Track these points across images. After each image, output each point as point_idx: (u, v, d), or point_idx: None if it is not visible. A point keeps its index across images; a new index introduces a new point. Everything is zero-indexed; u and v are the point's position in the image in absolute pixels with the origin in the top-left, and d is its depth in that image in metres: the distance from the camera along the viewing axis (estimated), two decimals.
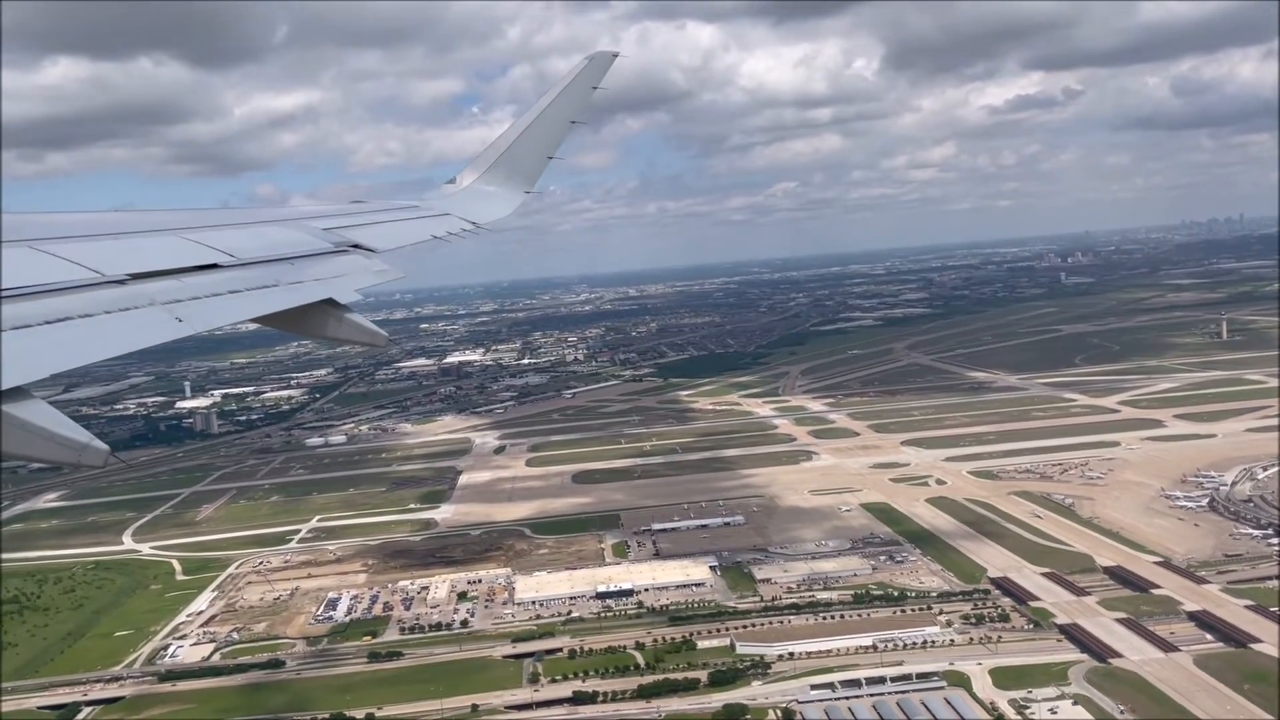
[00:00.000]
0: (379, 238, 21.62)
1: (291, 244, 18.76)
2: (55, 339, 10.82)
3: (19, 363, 9.65)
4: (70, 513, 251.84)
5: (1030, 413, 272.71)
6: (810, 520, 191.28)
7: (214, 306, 13.91)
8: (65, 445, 9.37)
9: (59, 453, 9.36)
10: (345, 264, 18.99)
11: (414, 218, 26.20)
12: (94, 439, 9.60)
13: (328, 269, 18.21)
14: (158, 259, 14.63)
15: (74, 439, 9.43)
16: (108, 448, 9.79)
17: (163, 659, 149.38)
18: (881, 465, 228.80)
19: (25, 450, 9.18)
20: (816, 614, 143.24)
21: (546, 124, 31.70)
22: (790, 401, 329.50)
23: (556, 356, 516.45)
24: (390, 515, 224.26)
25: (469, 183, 31.05)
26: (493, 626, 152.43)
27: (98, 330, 11.55)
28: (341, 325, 16.53)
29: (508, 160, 31.43)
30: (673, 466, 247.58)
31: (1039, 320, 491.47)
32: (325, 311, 16.41)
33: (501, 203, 30.20)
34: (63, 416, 9.59)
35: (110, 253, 14.16)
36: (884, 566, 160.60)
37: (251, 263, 16.37)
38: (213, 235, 17.07)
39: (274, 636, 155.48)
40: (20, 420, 9.13)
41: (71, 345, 10.95)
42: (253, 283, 15.60)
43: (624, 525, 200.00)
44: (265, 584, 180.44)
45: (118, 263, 13.50)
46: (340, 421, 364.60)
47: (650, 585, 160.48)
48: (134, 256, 14.38)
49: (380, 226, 23.39)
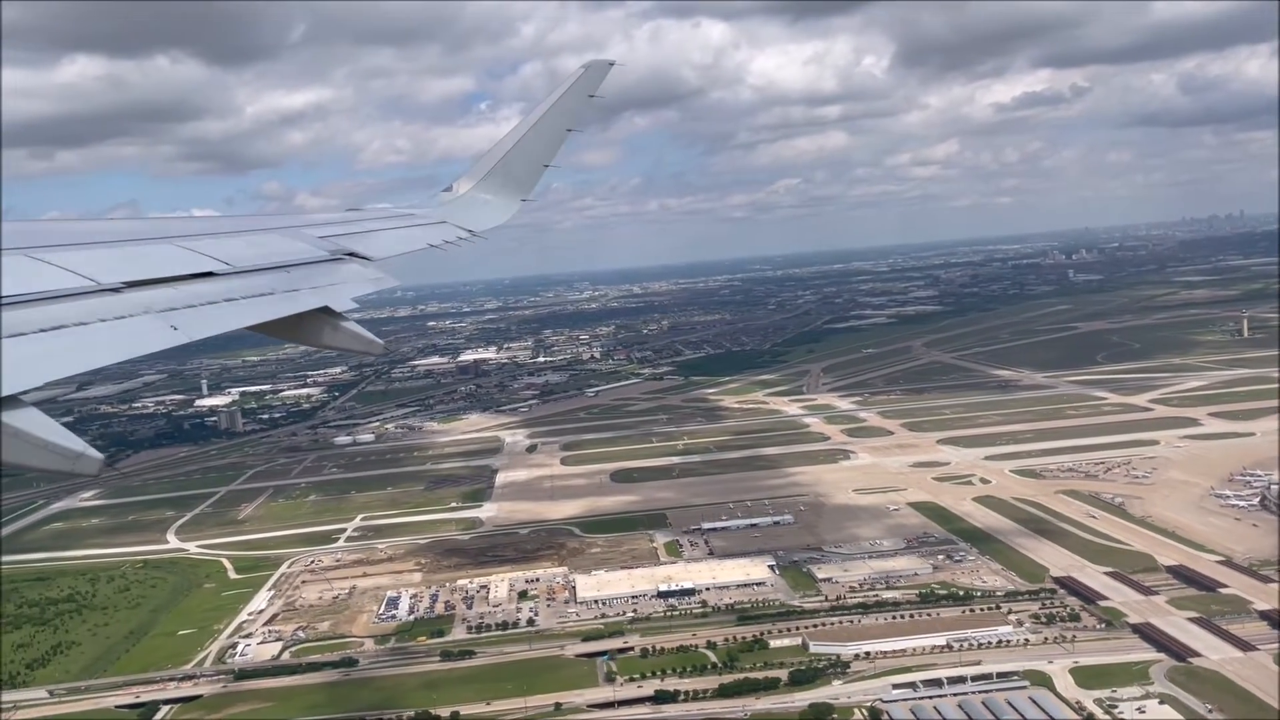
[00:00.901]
0: (375, 246, 21.88)
1: (287, 252, 18.96)
2: (50, 347, 10.83)
3: (13, 371, 9.72)
4: (109, 511, 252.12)
5: (1063, 411, 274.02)
6: (860, 519, 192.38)
7: (209, 314, 14.05)
8: (60, 454, 9.37)
9: (53, 461, 9.35)
10: (341, 272, 19.22)
11: (410, 226, 26.42)
12: (88, 447, 9.58)
13: (323, 277, 18.36)
14: (153, 267, 14.72)
15: (68, 447, 9.43)
16: (102, 456, 9.81)
17: (233, 657, 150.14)
18: (922, 464, 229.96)
19: (20, 459, 9.18)
20: (884, 613, 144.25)
21: (543, 132, 31.89)
22: (817, 400, 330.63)
23: (572, 354, 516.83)
24: (434, 514, 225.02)
25: (465, 190, 31.24)
26: (559, 625, 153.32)
27: (92, 338, 11.56)
28: (337, 333, 16.68)
29: (504, 168, 31.61)
30: (711, 465, 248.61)
31: (1053, 318, 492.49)
32: (321, 319, 16.58)
33: (498, 211, 30.48)
34: (57, 425, 9.58)
35: (105, 260, 14.32)
36: (944, 566, 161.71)
37: (247, 271, 16.52)
38: (208, 243, 17.16)
39: (340, 635, 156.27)
40: (14, 429, 9.16)
41: (66, 353, 10.95)
42: (248, 291, 15.69)
43: (672, 524, 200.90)
44: (322, 583, 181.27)
45: (113, 270, 13.64)
46: (365, 420, 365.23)
47: (711, 584, 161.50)
48: (129, 264, 14.53)
49: (376, 235, 23.61)
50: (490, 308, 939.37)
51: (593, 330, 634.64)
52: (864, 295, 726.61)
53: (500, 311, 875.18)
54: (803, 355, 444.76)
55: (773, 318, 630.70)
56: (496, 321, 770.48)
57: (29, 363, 10.11)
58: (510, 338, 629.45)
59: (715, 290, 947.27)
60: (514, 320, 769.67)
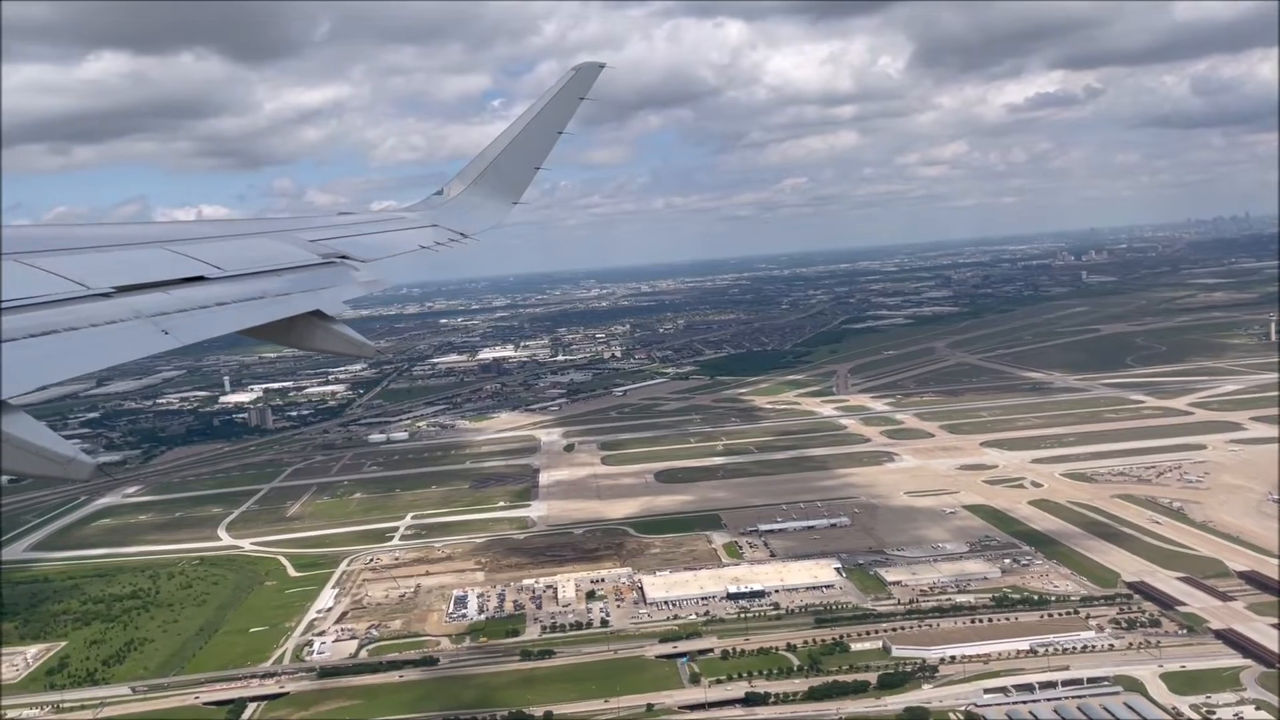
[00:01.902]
0: (366, 249, 22.00)
1: (278, 256, 18.96)
2: (40, 352, 10.82)
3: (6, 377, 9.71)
4: (156, 508, 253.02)
5: (1101, 414, 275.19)
6: (917, 522, 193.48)
7: (200, 319, 14.03)
8: (51, 459, 9.39)
9: (45, 466, 9.38)
10: (332, 275, 19.27)
11: (401, 229, 26.59)
12: (79, 452, 9.60)
13: (314, 280, 18.40)
14: (143, 271, 14.74)
15: (60, 453, 9.46)
16: (95, 461, 9.85)
17: (310, 655, 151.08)
18: (969, 467, 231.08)
19: (12, 465, 9.20)
20: (961, 617, 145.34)
21: (533, 135, 31.87)
22: (849, 401, 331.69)
23: (592, 353, 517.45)
24: (484, 513, 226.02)
25: (457, 194, 31.33)
26: (633, 626, 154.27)
27: (83, 343, 11.54)
28: (329, 336, 16.78)
29: (495, 172, 31.69)
30: (755, 467, 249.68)
31: (1074, 319, 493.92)
32: (312, 323, 16.65)
33: (489, 214, 30.53)
34: (48, 430, 9.62)
35: (96, 265, 14.31)
36: (1012, 570, 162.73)
37: (238, 275, 16.52)
38: (199, 247, 17.18)
39: (414, 634, 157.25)
40: (7, 435, 9.20)
41: (56, 359, 10.95)
42: (239, 295, 15.70)
43: (727, 525, 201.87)
44: (385, 581, 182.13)
45: (103, 275, 13.62)
46: (395, 418, 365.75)
47: (780, 587, 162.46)
48: (119, 269, 14.49)
49: (367, 238, 23.73)
50: (499, 305, 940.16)
51: (608, 328, 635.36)
52: (877, 295, 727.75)
53: (510, 309, 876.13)
54: (826, 355, 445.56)
55: (788, 317, 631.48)
56: (509, 319, 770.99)
57: (19, 368, 10.10)
58: (526, 336, 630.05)
59: (724, 289, 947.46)
60: (526, 318, 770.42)
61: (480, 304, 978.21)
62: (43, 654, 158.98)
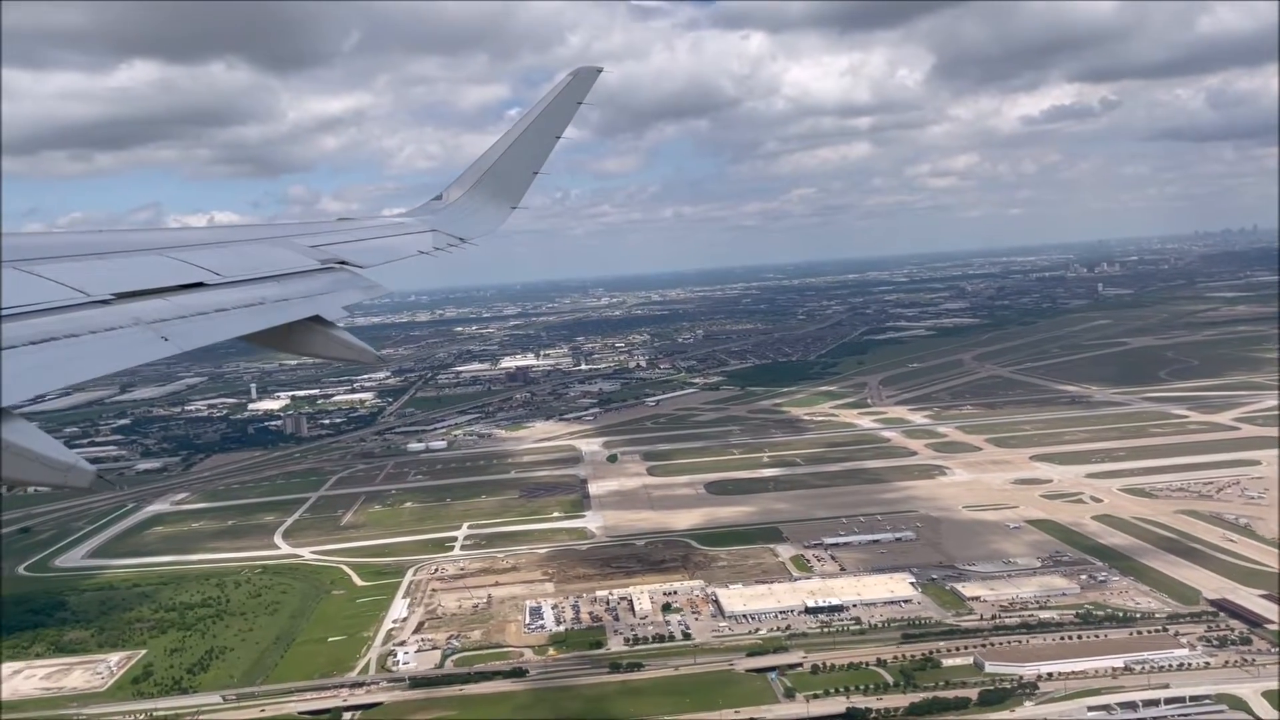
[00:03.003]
0: (365, 254, 22.07)
1: (278, 262, 19.00)
2: (40, 360, 10.83)
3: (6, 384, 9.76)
4: (207, 515, 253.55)
5: (1147, 429, 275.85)
6: (981, 536, 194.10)
7: (200, 325, 14.05)
8: (51, 467, 9.42)
9: (45, 474, 9.40)
10: (331, 281, 19.34)
11: (400, 234, 26.62)
12: (80, 460, 9.66)
13: (314, 286, 18.47)
14: (143, 278, 14.74)
15: (61, 460, 9.49)
16: (94, 469, 9.85)
17: (395, 665, 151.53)
18: (1023, 481, 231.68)
19: (13, 472, 9.23)
20: (1048, 634, 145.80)
21: (531, 139, 31.95)
22: (887, 413, 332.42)
23: (615, 363, 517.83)
24: (540, 523, 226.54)
25: (456, 199, 31.33)
26: (715, 639, 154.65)
27: (83, 350, 11.56)
28: (329, 342, 16.82)
29: (493, 176, 31.72)
30: (807, 479, 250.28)
31: (1096, 332, 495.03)
32: (312, 328, 16.71)
33: (488, 219, 30.54)
34: (49, 438, 9.63)
35: (95, 273, 14.31)
36: (1089, 586, 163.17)
37: (238, 281, 16.59)
38: (198, 254, 17.26)
39: (495, 644, 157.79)
40: (7, 443, 9.23)
41: (57, 366, 10.95)
42: (239, 301, 15.75)
43: (788, 538, 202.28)
44: (455, 591, 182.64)
45: (103, 283, 13.66)
46: (429, 426, 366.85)
47: (858, 601, 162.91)
48: (119, 276, 14.51)
49: (366, 243, 23.78)
50: (511, 314, 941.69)
51: (626, 337, 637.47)
52: (893, 306, 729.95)
53: (523, 317, 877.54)
54: (853, 367, 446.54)
55: (807, 328, 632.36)
56: (524, 328, 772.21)
57: (20, 376, 10.14)
58: (544, 344, 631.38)
59: (736, 299, 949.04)
60: (541, 326, 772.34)
61: (491, 312, 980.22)
62: (125, 662, 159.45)
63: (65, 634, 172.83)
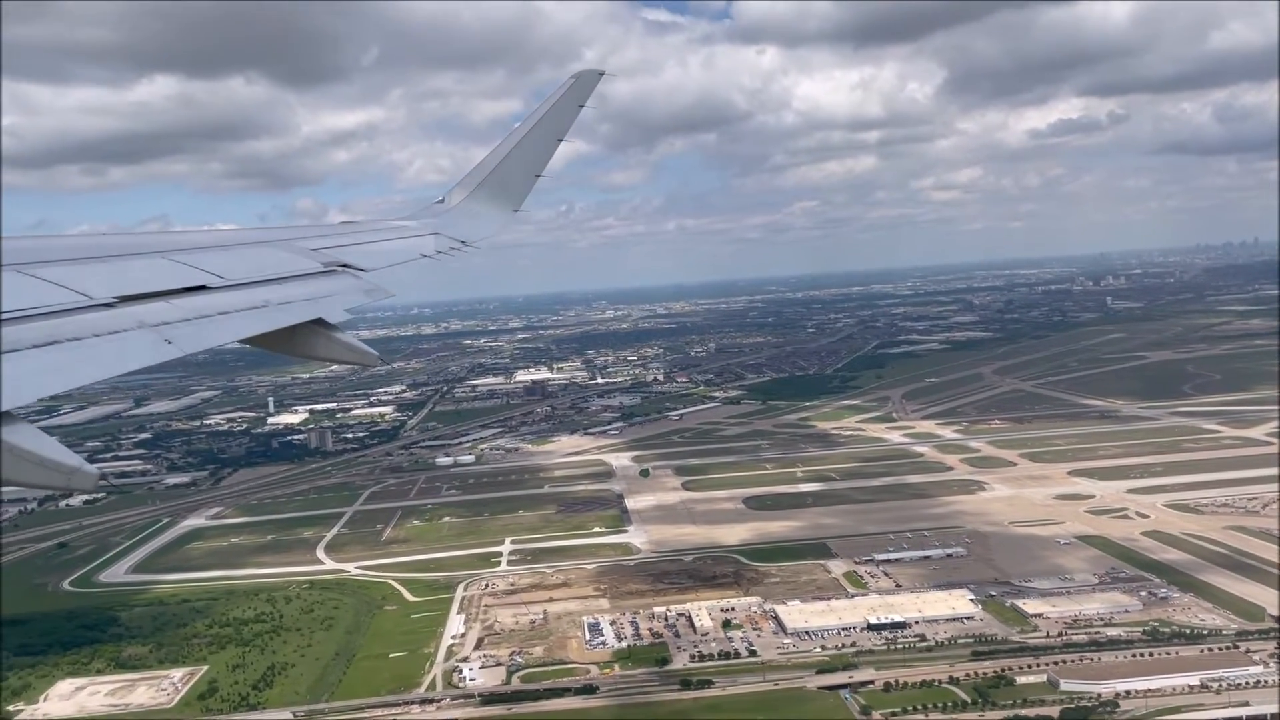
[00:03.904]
0: (367, 257, 22.11)
1: (280, 265, 19.09)
2: (44, 363, 10.85)
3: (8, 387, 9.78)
4: (245, 530, 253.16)
5: (1180, 444, 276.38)
6: (1032, 552, 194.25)
7: (203, 328, 14.06)
8: (56, 470, 9.45)
9: (49, 477, 9.44)
10: (334, 284, 19.36)
11: (402, 237, 26.64)
12: (84, 463, 9.65)
13: (316, 289, 18.47)
14: (146, 281, 14.78)
15: (64, 463, 9.51)
16: (97, 471, 9.85)
17: (462, 681, 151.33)
18: (1065, 496, 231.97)
19: (17, 475, 9.27)
20: (1118, 651, 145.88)
21: (533, 143, 32.08)
22: (914, 427, 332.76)
23: (631, 376, 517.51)
24: (584, 538, 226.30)
25: (458, 202, 31.46)
26: (780, 656, 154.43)
27: (86, 353, 11.58)
28: (331, 345, 16.81)
29: (495, 179, 31.84)
30: (846, 494, 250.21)
31: (1112, 346, 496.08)
32: (315, 331, 16.71)
33: (489, 222, 30.63)
34: (53, 441, 9.68)
35: (98, 276, 14.36)
36: (1151, 603, 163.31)
37: (240, 284, 16.62)
38: (201, 257, 17.29)
39: (559, 660, 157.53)
40: (11, 445, 9.25)
41: (60, 369, 10.96)
42: (241, 304, 15.76)
43: (837, 554, 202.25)
44: (511, 607, 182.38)
45: (106, 285, 13.70)
46: (453, 440, 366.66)
47: (920, 618, 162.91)
48: (122, 279, 14.55)
49: (369, 246, 23.80)
50: (516, 326, 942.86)
51: (637, 351, 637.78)
52: (901, 319, 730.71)
53: (530, 330, 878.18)
54: (872, 380, 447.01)
55: (818, 341, 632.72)
56: (532, 340, 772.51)
57: (23, 379, 10.16)
58: (555, 357, 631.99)
59: (742, 311, 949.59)
60: (549, 339, 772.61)
61: (497, 324, 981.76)
62: (188, 678, 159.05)
63: (123, 650, 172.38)
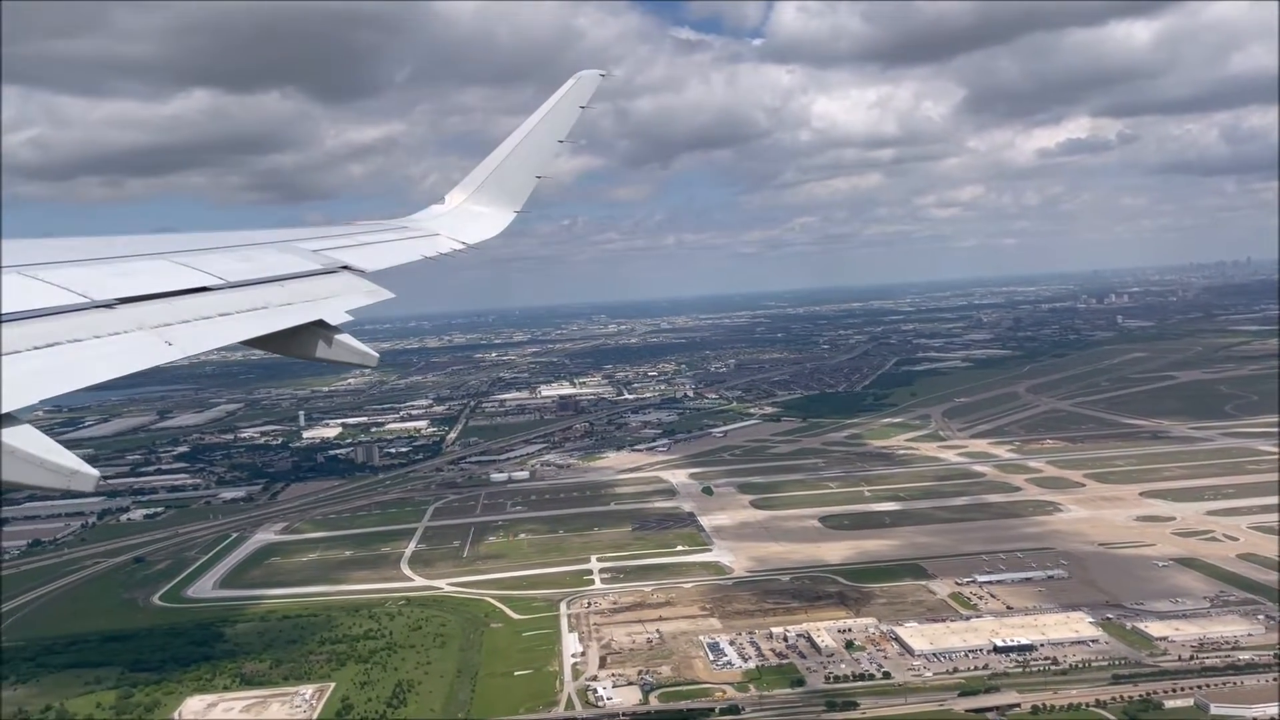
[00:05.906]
0: (368, 258, 22.26)
1: (281, 266, 19.20)
2: (45, 364, 10.90)
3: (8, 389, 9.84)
4: (319, 546, 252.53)
5: (1242, 465, 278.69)
6: (1135, 575, 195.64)
7: (204, 329, 14.16)
8: (55, 471, 9.51)
9: (49, 478, 9.49)
10: (335, 285, 19.47)
11: (403, 238, 26.83)
12: (83, 464, 9.71)
13: (318, 290, 18.59)
14: (146, 283, 14.85)
15: (64, 465, 9.58)
16: (97, 473, 9.95)
17: (599, 700, 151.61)
18: (1145, 518, 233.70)
19: (17, 477, 9.32)
20: (1257, 675, 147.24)
21: (534, 144, 32.46)
22: (967, 446, 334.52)
23: (657, 392, 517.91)
24: (669, 557, 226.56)
25: (458, 203, 31.75)
26: (914, 678, 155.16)
27: (87, 354, 11.63)
28: (332, 346, 16.93)
29: (496, 180, 32.17)
30: (924, 514, 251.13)
31: (1137, 366, 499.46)
32: (316, 332, 16.84)
33: (490, 222, 31.02)
34: (53, 442, 9.70)
35: (99, 277, 14.44)
36: (1272, 627, 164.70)
37: (241, 285, 16.73)
38: (202, 258, 17.44)
39: (690, 681, 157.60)
40: (11, 447, 9.31)
41: (61, 370, 10.98)
42: (243, 305, 15.84)
43: (932, 574, 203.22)
44: (624, 625, 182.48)
45: (106, 287, 13.78)
46: (500, 456, 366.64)
47: (1044, 641, 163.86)
48: (123, 280, 14.60)
49: (370, 248, 23.92)
50: (521, 340, 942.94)
51: (656, 366, 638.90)
52: (913, 336, 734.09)
53: (538, 344, 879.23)
54: (905, 398, 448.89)
55: (837, 358, 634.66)
56: (542, 355, 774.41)
57: (24, 380, 10.22)
58: (574, 372, 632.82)
59: (748, 327, 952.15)
60: (561, 354, 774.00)
61: (500, 338, 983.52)
62: (318, 695, 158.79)
63: (242, 665, 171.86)
